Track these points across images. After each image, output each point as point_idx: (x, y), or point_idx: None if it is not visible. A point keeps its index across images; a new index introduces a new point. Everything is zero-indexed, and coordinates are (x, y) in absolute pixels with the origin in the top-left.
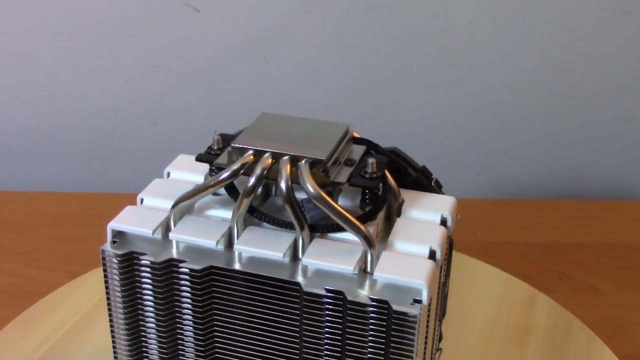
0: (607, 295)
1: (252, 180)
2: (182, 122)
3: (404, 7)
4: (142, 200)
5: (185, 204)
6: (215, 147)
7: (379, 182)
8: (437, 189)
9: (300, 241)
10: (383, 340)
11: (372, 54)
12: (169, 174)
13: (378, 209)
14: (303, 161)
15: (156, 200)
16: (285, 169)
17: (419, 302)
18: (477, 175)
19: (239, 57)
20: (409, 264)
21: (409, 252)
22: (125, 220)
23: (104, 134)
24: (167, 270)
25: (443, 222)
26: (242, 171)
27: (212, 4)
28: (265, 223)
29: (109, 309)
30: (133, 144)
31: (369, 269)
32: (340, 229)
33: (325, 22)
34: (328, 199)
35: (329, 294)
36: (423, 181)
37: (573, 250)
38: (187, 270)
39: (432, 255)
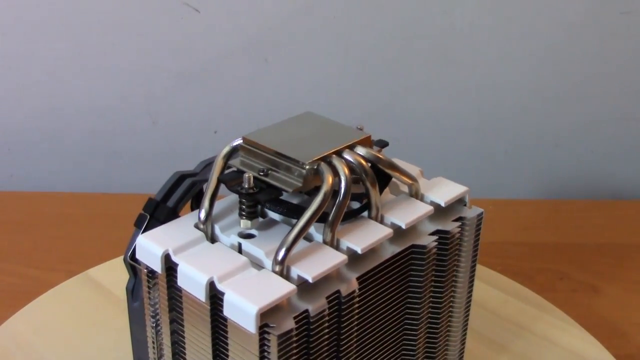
0: (607, 295)
1: (344, 184)
2: (182, 122)
3: (404, 7)
4: (211, 283)
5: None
6: (247, 186)
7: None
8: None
9: (380, 216)
10: (470, 245)
11: (372, 54)
12: (168, 256)
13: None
14: (357, 146)
15: (235, 271)
16: (354, 156)
17: (464, 204)
18: (477, 175)
19: (239, 57)
20: (442, 186)
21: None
22: (262, 299)
23: (104, 134)
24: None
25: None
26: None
27: (212, 4)
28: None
29: None
30: (133, 144)
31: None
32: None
33: (325, 23)
34: (394, 162)
35: (434, 237)
36: None
37: (573, 250)
38: (343, 296)
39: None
